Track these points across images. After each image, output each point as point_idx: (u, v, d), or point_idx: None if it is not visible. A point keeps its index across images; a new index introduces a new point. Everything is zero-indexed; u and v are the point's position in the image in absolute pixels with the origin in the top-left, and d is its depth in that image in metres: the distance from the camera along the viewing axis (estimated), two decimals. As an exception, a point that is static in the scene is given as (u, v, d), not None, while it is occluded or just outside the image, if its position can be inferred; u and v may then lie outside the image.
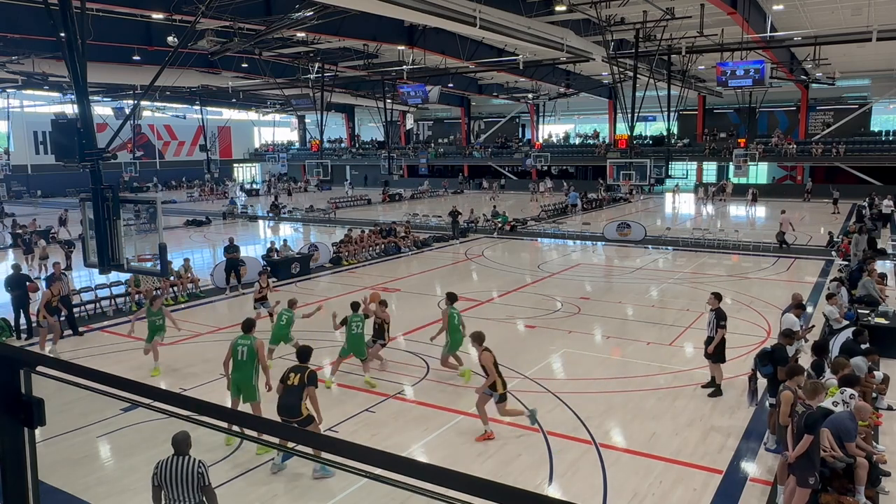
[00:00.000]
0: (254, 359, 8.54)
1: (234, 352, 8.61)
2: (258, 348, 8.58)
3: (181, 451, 5.74)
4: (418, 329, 14.17)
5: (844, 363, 8.50)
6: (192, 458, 5.75)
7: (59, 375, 1.60)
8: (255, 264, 19.75)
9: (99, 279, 17.23)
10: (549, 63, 33.77)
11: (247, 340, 8.63)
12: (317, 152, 42.47)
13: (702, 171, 50.15)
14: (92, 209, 8.83)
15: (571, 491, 7.49)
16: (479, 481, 1.13)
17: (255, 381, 8.62)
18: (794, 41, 30.46)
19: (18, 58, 26.60)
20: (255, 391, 8.63)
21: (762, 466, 8.09)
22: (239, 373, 8.60)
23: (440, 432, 9.09)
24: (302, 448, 1.37)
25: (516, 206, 38.66)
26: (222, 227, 33.66)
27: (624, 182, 29.23)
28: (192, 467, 5.68)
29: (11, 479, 1.61)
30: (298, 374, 7.85)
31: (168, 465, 5.71)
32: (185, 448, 5.76)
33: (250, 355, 8.54)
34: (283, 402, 7.84)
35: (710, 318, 10.34)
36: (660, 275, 20.28)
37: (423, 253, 24.74)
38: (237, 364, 8.60)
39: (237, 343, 8.65)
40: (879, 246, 22.12)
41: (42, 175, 49.90)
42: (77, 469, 8.08)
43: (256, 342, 8.62)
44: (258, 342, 8.64)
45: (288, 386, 7.85)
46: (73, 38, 8.36)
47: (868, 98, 45.83)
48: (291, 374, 7.90)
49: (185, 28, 22.97)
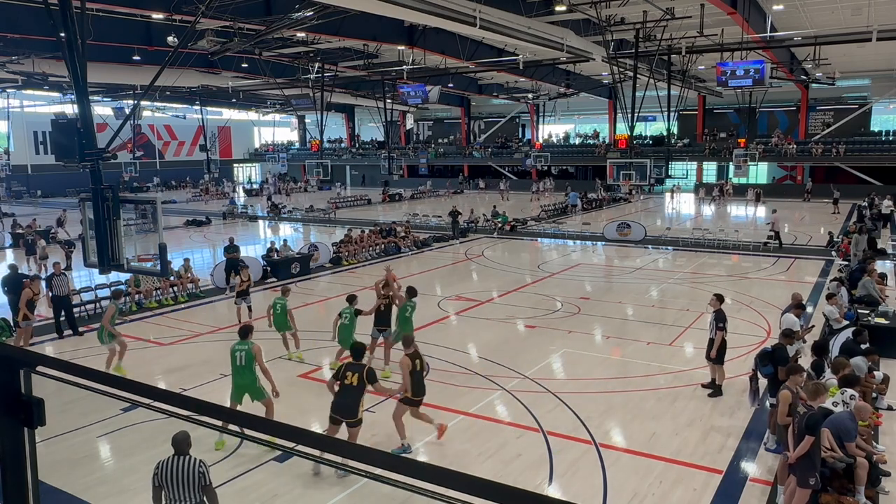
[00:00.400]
0: (252, 363, 8.56)
1: (233, 358, 8.64)
2: (256, 353, 8.59)
3: (181, 450, 5.72)
4: (418, 329, 14.15)
5: (845, 363, 8.50)
6: (192, 457, 5.73)
7: (59, 375, 1.60)
8: (256, 264, 19.76)
9: (99, 279, 17.22)
10: (549, 63, 33.76)
11: (244, 346, 8.65)
12: (317, 152, 42.47)
13: (702, 171, 50.14)
14: (92, 209, 8.82)
15: (571, 491, 7.49)
16: (479, 481, 1.13)
17: (258, 382, 8.64)
18: (794, 41, 30.46)
19: (18, 58, 26.60)
20: (261, 391, 8.67)
21: (762, 466, 8.09)
22: (240, 377, 8.63)
23: (440, 432, 9.09)
24: (302, 448, 1.37)
25: (516, 206, 38.67)
26: (222, 227, 33.66)
27: (624, 182, 29.22)
28: (193, 467, 5.67)
29: (11, 479, 1.61)
30: (356, 374, 7.76)
31: (168, 466, 5.69)
32: (186, 448, 5.74)
33: (248, 360, 8.55)
34: (340, 402, 7.74)
35: (711, 319, 10.35)
36: (660, 275, 20.28)
37: (423, 253, 24.74)
38: (236, 369, 8.62)
39: (234, 349, 8.68)
40: (879, 246, 22.12)
41: (42, 175, 49.90)
42: (77, 469, 8.08)
43: (254, 347, 8.64)
44: (255, 347, 8.65)
45: (345, 385, 7.77)
46: (73, 38, 8.35)
47: (868, 98, 45.83)
48: (348, 372, 7.81)
49: (185, 28, 22.97)
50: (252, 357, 8.55)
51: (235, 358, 8.59)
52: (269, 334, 12.24)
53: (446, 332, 14.24)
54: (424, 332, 14.01)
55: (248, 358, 8.54)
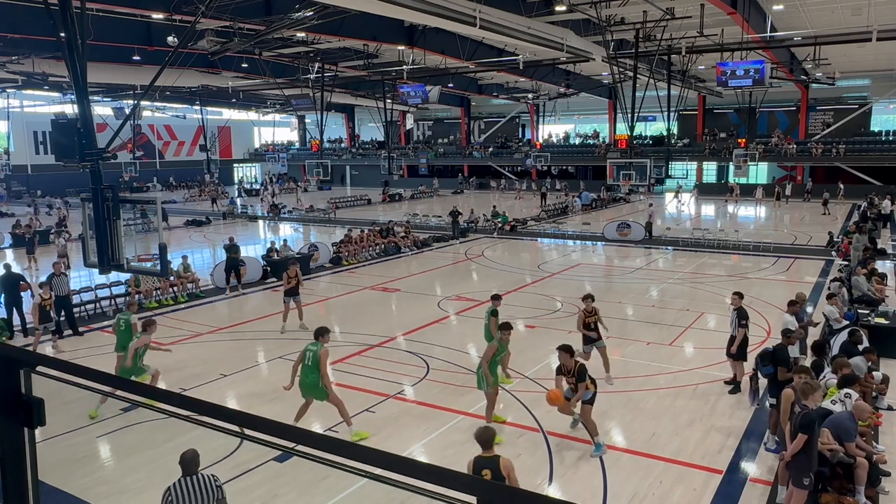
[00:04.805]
0: (317, 364, 8.67)
1: (304, 356, 8.83)
2: (321, 356, 8.69)
3: (190, 470, 5.41)
4: (418, 329, 14.19)
5: (845, 363, 8.50)
6: (203, 475, 5.45)
7: (59, 375, 1.60)
8: (256, 264, 19.76)
9: (99, 279, 17.22)
10: (549, 63, 33.77)
11: (314, 347, 8.81)
12: (317, 152, 42.47)
13: (702, 171, 50.13)
14: (92, 209, 8.82)
15: (571, 491, 7.49)
16: (479, 481, 1.14)
17: (321, 383, 8.70)
18: (794, 41, 30.47)
19: (18, 58, 26.61)
20: (322, 392, 8.74)
21: (762, 466, 8.09)
22: (305, 376, 8.77)
23: (440, 432, 9.09)
24: (302, 448, 1.37)
25: (517, 206, 38.66)
26: (222, 227, 33.66)
27: (624, 182, 29.22)
28: (208, 484, 5.38)
29: (11, 479, 1.61)
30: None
31: (181, 489, 5.30)
32: (195, 467, 5.45)
33: (315, 361, 8.68)
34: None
35: (733, 316, 10.41)
36: (660, 275, 20.28)
37: (423, 253, 24.74)
38: (304, 368, 8.78)
39: (307, 348, 8.87)
40: (879, 246, 22.12)
41: (42, 175, 49.87)
42: (77, 469, 8.08)
43: (321, 350, 8.74)
44: (323, 350, 8.75)
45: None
46: (73, 38, 8.36)
47: (868, 98, 45.82)
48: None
49: (185, 28, 22.95)
50: (318, 359, 8.67)
51: (306, 356, 8.79)
52: (274, 334, 12.26)
53: (446, 332, 14.24)
54: (424, 331, 14.03)
55: (315, 359, 8.69)
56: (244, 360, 12.33)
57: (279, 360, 11.98)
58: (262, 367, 12.12)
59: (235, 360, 12.21)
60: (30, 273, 20.70)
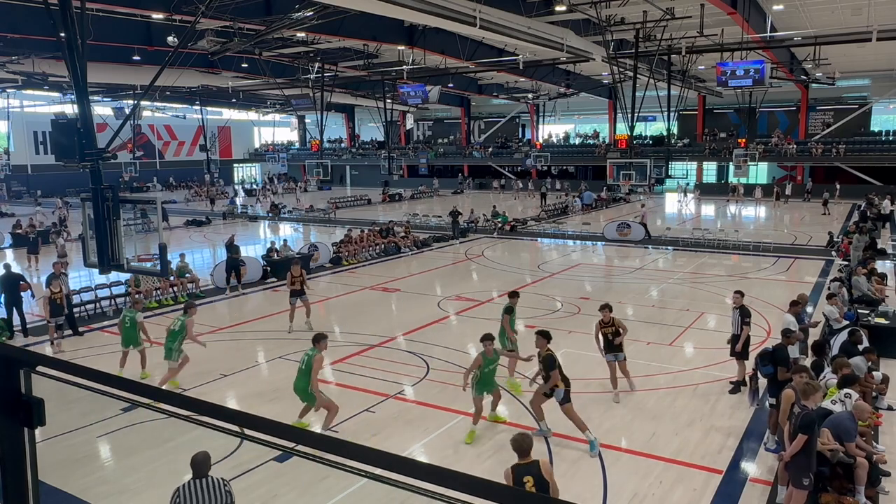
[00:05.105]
0: (310, 369, 8.67)
1: (301, 360, 8.89)
2: (314, 362, 8.68)
3: (201, 472, 5.33)
4: (418, 329, 14.19)
5: (845, 363, 8.50)
6: (213, 478, 5.38)
7: (59, 375, 1.60)
8: (256, 264, 19.76)
9: (99, 279, 17.22)
10: (549, 63, 33.76)
11: (311, 352, 8.83)
12: (317, 152, 42.47)
13: (702, 171, 50.13)
14: (92, 209, 8.82)
15: (571, 491, 7.49)
16: (479, 481, 1.13)
17: (311, 388, 8.70)
18: (794, 41, 30.46)
19: (18, 58, 26.61)
20: (312, 397, 8.75)
21: (762, 466, 8.09)
22: (297, 380, 8.80)
23: (440, 432, 9.09)
24: (302, 448, 1.37)
25: (517, 206, 38.65)
26: (222, 227, 33.65)
27: (624, 182, 29.22)
28: (218, 488, 5.31)
29: (11, 479, 1.61)
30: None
31: (190, 491, 5.24)
32: (206, 469, 5.37)
33: (308, 366, 8.69)
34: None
35: (735, 315, 10.38)
36: (660, 275, 20.28)
37: (423, 253, 24.74)
38: (298, 372, 8.82)
39: (306, 353, 8.92)
40: (879, 246, 22.11)
41: (42, 175, 49.87)
42: (77, 469, 8.08)
43: (315, 356, 8.73)
44: (317, 356, 8.74)
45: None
46: (73, 38, 8.36)
47: (868, 98, 45.81)
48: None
49: (185, 28, 22.94)
50: (311, 364, 8.69)
51: (302, 360, 8.83)
52: (275, 334, 12.25)
53: (446, 332, 14.24)
54: (424, 332, 14.03)
55: (309, 364, 8.71)
56: (244, 360, 12.33)
57: (279, 360, 11.98)
58: (262, 367, 12.12)
59: (235, 360, 12.21)
60: (30, 273, 20.70)
